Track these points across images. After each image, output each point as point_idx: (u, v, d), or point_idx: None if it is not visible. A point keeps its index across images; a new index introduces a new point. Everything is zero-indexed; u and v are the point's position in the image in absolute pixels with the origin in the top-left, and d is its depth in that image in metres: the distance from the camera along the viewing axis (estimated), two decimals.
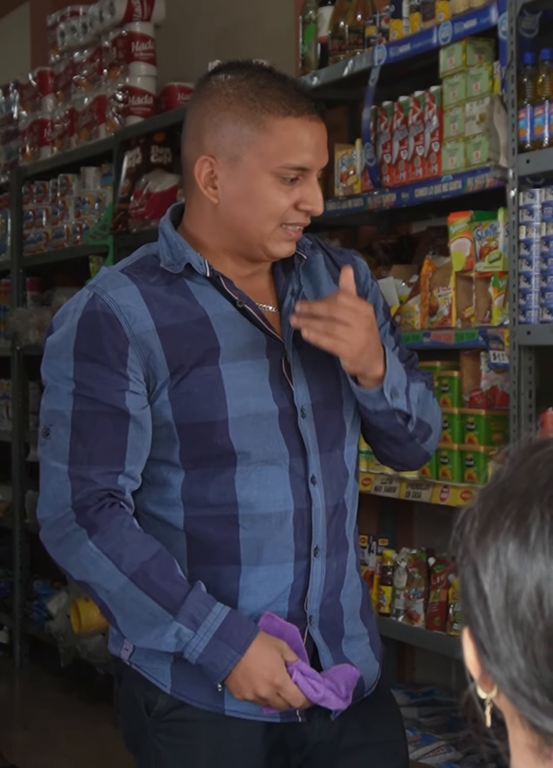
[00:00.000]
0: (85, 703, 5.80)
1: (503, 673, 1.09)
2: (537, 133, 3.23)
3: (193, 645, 2.07)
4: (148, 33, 5.77)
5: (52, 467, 2.14)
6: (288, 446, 2.17)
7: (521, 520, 1.09)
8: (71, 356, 2.13)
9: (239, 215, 2.16)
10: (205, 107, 2.16)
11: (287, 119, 2.12)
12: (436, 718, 4.05)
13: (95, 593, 2.13)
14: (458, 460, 3.56)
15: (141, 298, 2.14)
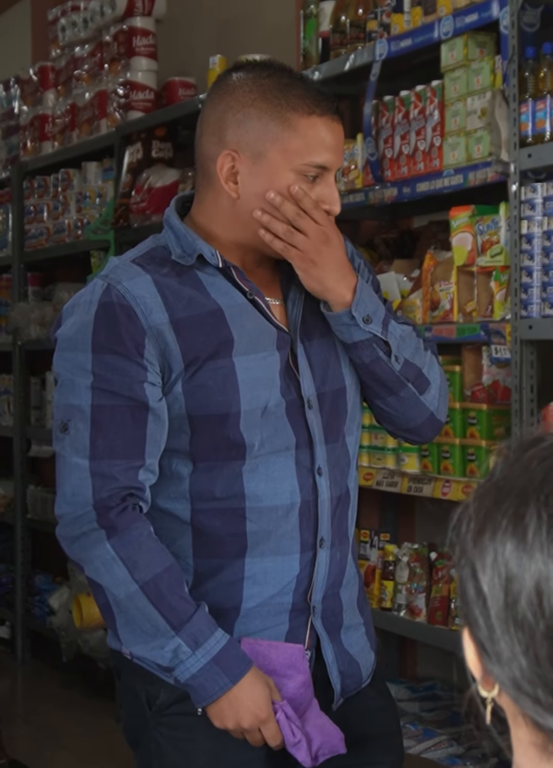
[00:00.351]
0: (87, 698, 5.80)
1: (504, 673, 1.09)
2: (539, 127, 3.23)
3: (188, 664, 2.07)
4: (149, 28, 5.76)
5: (72, 463, 2.12)
6: (296, 438, 2.19)
7: (517, 519, 1.08)
8: (89, 348, 2.11)
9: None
10: (227, 103, 2.17)
11: (311, 118, 2.14)
12: (437, 712, 4.05)
13: (101, 593, 2.13)
14: (460, 455, 3.56)
15: (155, 290, 2.14)
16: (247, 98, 2.16)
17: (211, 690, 2.08)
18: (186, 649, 2.07)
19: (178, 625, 2.07)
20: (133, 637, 2.11)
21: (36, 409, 6.71)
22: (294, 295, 2.26)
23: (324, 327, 2.26)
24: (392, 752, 2.36)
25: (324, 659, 2.25)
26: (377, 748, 2.33)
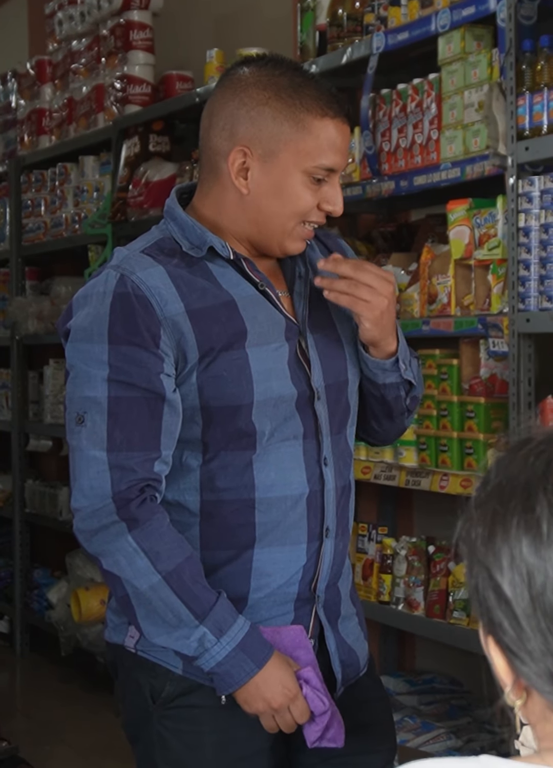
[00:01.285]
0: (86, 692, 5.81)
1: (539, 669, 1.08)
2: (536, 120, 3.23)
3: (213, 652, 2.08)
4: (147, 21, 5.75)
5: (89, 456, 2.11)
6: (304, 428, 2.21)
7: (528, 513, 1.08)
8: (105, 339, 2.10)
9: (267, 209, 2.19)
10: (240, 99, 2.18)
11: (324, 120, 2.16)
12: (436, 705, 4.05)
13: (120, 586, 2.12)
14: (458, 448, 3.56)
15: (169, 280, 2.14)
16: (262, 96, 2.17)
17: (237, 676, 2.10)
18: (211, 638, 2.08)
19: (201, 614, 2.08)
20: (155, 629, 2.11)
21: (34, 403, 6.71)
22: (300, 287, 2.27)
23: (328, 320, 2.30)
24: (387, 740, 2.40)
25: (327, 648, 2.27)
26: (375, 737, 2.36)
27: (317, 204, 2.20)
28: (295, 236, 2.22)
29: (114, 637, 2.29)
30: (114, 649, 2.31)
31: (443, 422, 3.61)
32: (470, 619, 3.47)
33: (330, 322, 2.30)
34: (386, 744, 2.39)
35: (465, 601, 3.50)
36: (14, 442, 6.74)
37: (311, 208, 2.20)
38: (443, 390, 3.63)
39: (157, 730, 2.22)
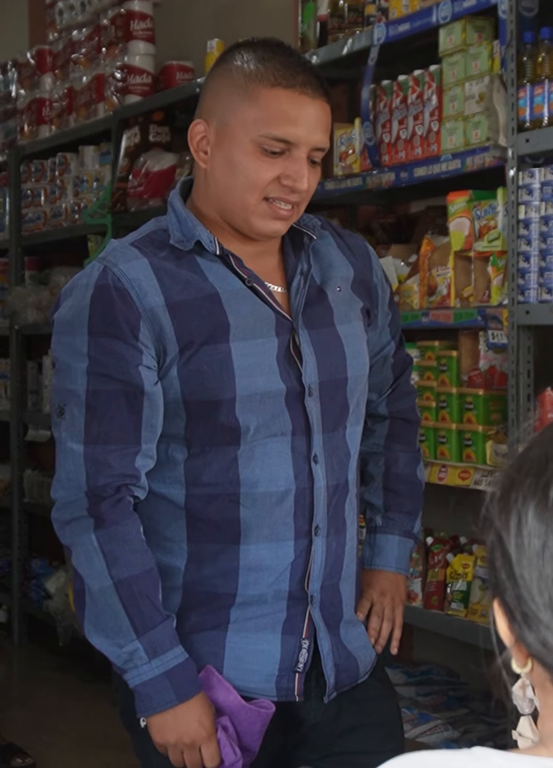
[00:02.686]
0: (83, 682, 5.81)
1: (535, 635, 1.09)
2: (537, 112, 3.23)
3: (141, 670, 2.08)
4: (147, 11, 5.75)
5: (67, 448, 2.12)
6: (293, 424, 2.17)
7: (540, 479, 1.10)
8: (85, 331, 2.10)
9: (222, 182, 2.15)
10: (211, 75, 2.19)
11: (274, 89, 2.10)
12: (433, 697, 4.06)
13: (78, 579, 2.13)
14: (457, 440, 3.56)
15: (151, 272, 2.12)
16: (226, 71, 2.15)
17: (156, 702, 2.09)
18: (143, 655, 2.08)
19: (141, 629, 2.08)
20: (94, 629, 2.11)
21: (33, 393, 6.71)
22: (298, 283, 2.23)
23: (328, 318, 2.25)
24: (391, 740, 2.33)
25: (319, 652, 2.23)
26: (375, 738, 2.31)
27: (276, 178, 2.12)
28: (261, 214, 2.15)
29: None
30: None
31: (442, 414, 3.61)
32: (467, 611, 3.47)
33: (330, 321, 2.25)
34: (391, 743, 2.32)
35: (463, 592, 3.51)
36: (13, 432, 6.74)
37: (266, 183, 2.13)
38: (442, 382, 3.63)
39: (145, 731, 2.17)
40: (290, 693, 2.19)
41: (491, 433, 3.43)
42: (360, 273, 2.33)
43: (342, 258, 2.31)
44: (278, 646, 2.19)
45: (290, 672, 2.19)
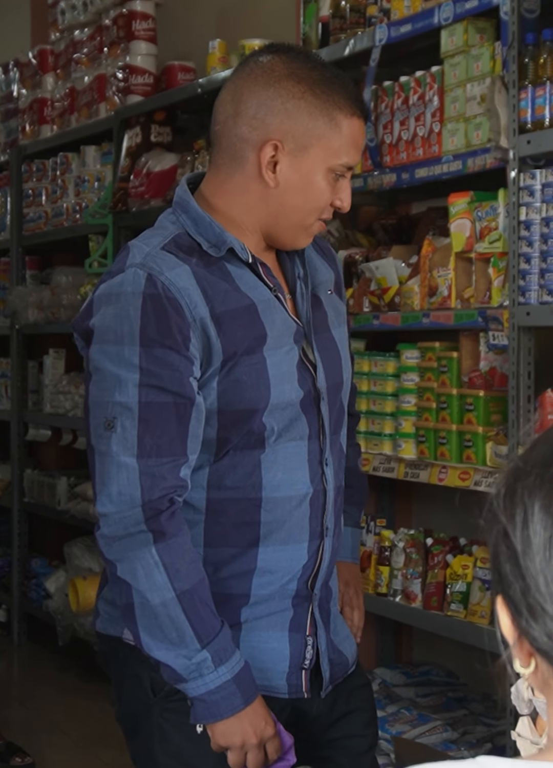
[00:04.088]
0: (83, 681, 5.81)
1: (538, 627, 1.10)
2: (538, 113, 3.23)
3: (208, 679, 2.07)
4: (149, 11, 5.75)
5: (120, 462, 2.07)
6: (309, 428, 2.21)
7: (545, 472, 1.10)
8: (136, 342, 2.06)
9: (291, 202, 2.18)
10: (275, 90, 2.16)
11: (352, 119, 2.18)
12: (432, 698, 4.06)
13: (128, 593, 2.09)
14: (457, 441, 3.57)
15: (195, 281, 2.11)
16: (297, 89, 2.15)
17: (224, 708, 2.08)
18: (210, 665, 2.07)
19: (205, 639, 2.07)
20: (154, 642, 2.09)
21: (33, 393, 6.71)
22: (301, 289, 2.27)
23: (326, 324, 2.30)
24: (372, 725, 2.44)
25: (319, 647, 2.28)
26: (361, 722, 2.40)
27: (331, 201, 2.21)
28: (310, 232, 2.24)
29: (109, 629, 2.28)
30: (108, 640, 2.30)
31: (443, 415, 3.61)
32: (467, 612, 3.48)
33: (326, 326, 2.30)
34: (372, 728, 2.44)
35: (462, 593, 3.51)
36: (13, 432, 6.74)
37: (327, 205, 2.21)
38: (442, 383, 3.63)
39: (159, 722, 2.21)
40: (299, 689, 2.24)
41: (492, 435, 3.43)
42: (336, 275, 2.42)
43: (322, 261, 2.37)
44: (286, 643, 2.23)
45: (298, 669, 2.24)
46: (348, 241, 4.31)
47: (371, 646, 4.55)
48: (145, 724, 2.23)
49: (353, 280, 4.04)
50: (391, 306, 3.79)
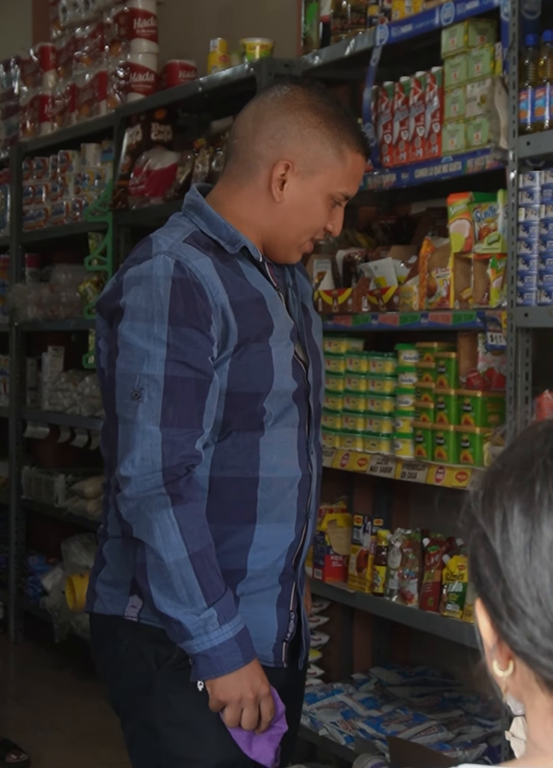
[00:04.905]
0: (79, 679, 5.82)
1: (519, 630, 1.10)
2: (538, 115, 3.23)
3: (213, 636, 2.24)
4: (150, 10, 5.75)
5: (144, 429, 2.26)
6: (299, 418, 2.45)
7: (524, 475, 1.10)
8: (165, 320, 2.27)
9: (292, 220, 2.44)
10: (294, 116, 2.42)
11: (357, 155, 2.46)
12: (428, 698, 4.06)
13: (142, 553, 2.27)
14: (454, 442, 3.57)
15: (215, 271, 2.34)
16: (314, 119, 2.42)
17: (225, 664, 2.26)
18: (215, 622, 2.24)
19: (212, 598, 2.25)
20: (164, 599, 2.25)
21: (32, 390, 6.71)
22: (292, 295, 2.52)
23: (310, 328, 2.56)
24: (300, 707, 2.70)
25: (302, 621, 2.50)
26: (299, 700, 2.67)
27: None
28: (302, 249, 2.49)
29: (110, 608, 2.42)
30: (106, 621, 2.43)
31: (440, 415, 3.62)
32: (463, 612, 3.48)
33: (310, 331, 2.56)
34: (298, 713, 2.68)
35: (459, 593, 3.51)
36: (11, 429, 6.74)
37: (322, 227, 2.47)
38: (440, 383, 3.63)
39: (162, 695, 2.36)
40: (280, 660, 2.45)
41: (489, 435, 3.44)
42: (312, 290, 2.69)
43: (302, 274, 2.63)
44: (274, 617, 2.44)
45: (281, 641, 2.45)
46: (347, 241, 4.31)
47: (367, 645, 4.56)
48: (146, 699, 2.37)
49: (351, 280, 4.05)
50: (389, 306, 3.79)
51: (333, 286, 4.14)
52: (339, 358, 4.08)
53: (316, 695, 4.18)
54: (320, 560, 4.09)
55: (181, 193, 4.89)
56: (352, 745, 3.91)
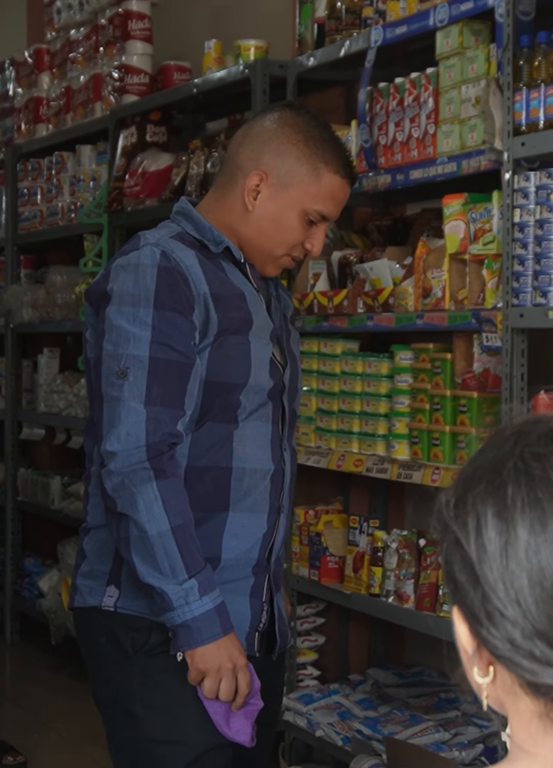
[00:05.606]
0: (76, 681, 5.81)
1: (499, 634, 1.10)
2: (533, 116, 3.23)
3: (193, 606, 2.32)
4: (145, 11, 5.75)
5: (129, 406, 2.36)
6: (273, 415, 2.55)
7: (495, 479, 1.10)
8: (151, 304, 2.38)
9: (264, 230, 2.53)
10: (275, 132, 2.54)
11: (335, 176, 2.55)
12: (424, 698, 4.07)
13: (127, 527, 2.34)
14: (450, 442, 3.57)
15: (198, 264, 2.45)
16: (294, 137, 2.53)
17: (205, 634, 2.32)
18: (196, 593, 2.32)
19: (193, 570, 2.32)
20: (147, 570, 2.33)
21: (27, 391, 6.71)
22: (275, 305, 2.63)
23: (288, 337, 2.65)
24: (278, 704, 2.82)
25: (275, 612, 2.58)
26: (277, 696, 2.74)
27: (302, 241, 2.55)
28: (278, 264, 2.58)
29: (89, 600, 2.50)
30: (84, 613, 2.52)
31: (436, 416, 3.62)
32: None
33: (288, 340, 2.66)
34: (277, 705, 2.81)
35: None
36: (7, 430, 6.74)
37: (297, 243, 2.55)
38: (436, 384, 3.64)
39: (140, 679, 2.44)
40: (252, 649, 2.51)
41: (485, 436, 3.44)
42: (292, 306, 2.80)
43: (285, 294, 2.74)
44: (247, 607, 2.51)
45: (254, 631, 2.52)
46: (343, 242, 4.32)
47: (364, 646, 4.56)
48: (124, 685, 2.47)
49: (347, 281, 4.05)
50: (385, 307, 3.80)
51: (328, 287, 4.14)
52: (335, 359, 4.09)
53: (312, 696, 4.19)
54: (317, 561, 4.09)
55: (176, 194, 4.89)
56: (349, 746, 3.91)
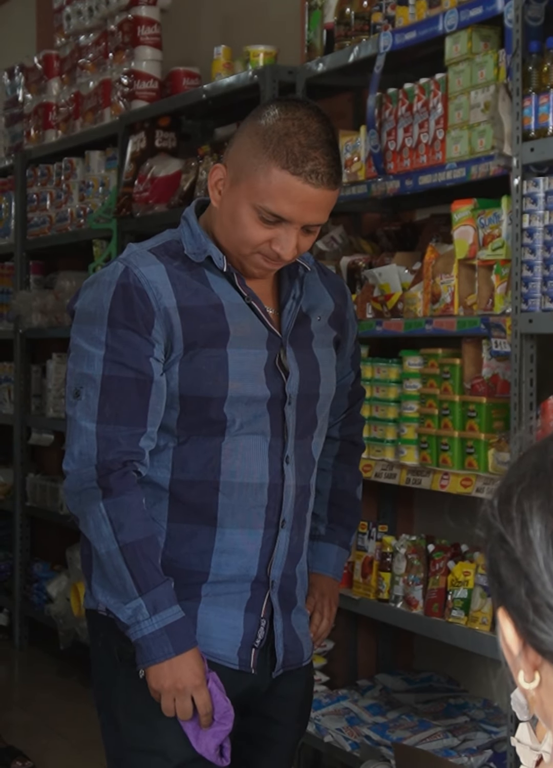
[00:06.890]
0: (84, 686, 5.81)
1: (546, 626, 1.08)
2: (542, 121, 3.23)
3: (143, 626, 2.30)
4: (154, 17, 5.76)
5: (81, 426, 2.36)
6: (271, 426, 2.45)
7: (538, 472, 1.10)
8: (105, 323, 2.34)
9: (225, 226, 2.42)
10: (244, 125, 2.42)
11: (282, 172, 2.32)
12: (433, 704, 4.06)
13: (85, 545, 2.40)
14: (459, 448, 3.57)
15: (167, 278, 2.38)
16: (253, 130, 2.37)
17: (155, 654, 2.31)
18: (145, 612, 2.30)
19: (143, 589, 2.30)
20: (102, 589, 2.35)
21: (36, 397, 6.72)
22: (290, 306, 2.51)
23: (308, 340, 2.54)
24: (302, 720, 2.65)
25: (274, 631, 2.49)
26: (293, 712, 2.60)
27: (268, 241, 2.37)
28: (252, 262, 2.41)
29: (90, 602, 2.49)
30: (91, 615, 2.52)
31: (445, 421, 3.62)
32: (468, 618, 3.48)
33: (309, 343, 2.54)
34: (301, 723, 2.65)
35: (464, 600, 3.51)
36: (16, 436, 6.75)
37: (259, 243, 2.37)
38: (444, 389, 3.64)
39: (123, 687, 2.43)
40: (247, 665, 2.45)
41: (494, 441, 3.44)
42: (338, 308, 2.63)
43: (325, 293, 2.61)
44: (241, 621, 2.45)
45: (249, 646, 2.45)
46: (351, 248, 4.32)
47: (372, 652, 4.56)
48: (111, 692, 2.47)
49: (356, 287, 4.05)
50: (394, 312, 3.80)
51: None
52: None
53: (321, 702, 4.18)
54: None
55: (185, 200, 4.90)
56: (357, 752, 3.91)
